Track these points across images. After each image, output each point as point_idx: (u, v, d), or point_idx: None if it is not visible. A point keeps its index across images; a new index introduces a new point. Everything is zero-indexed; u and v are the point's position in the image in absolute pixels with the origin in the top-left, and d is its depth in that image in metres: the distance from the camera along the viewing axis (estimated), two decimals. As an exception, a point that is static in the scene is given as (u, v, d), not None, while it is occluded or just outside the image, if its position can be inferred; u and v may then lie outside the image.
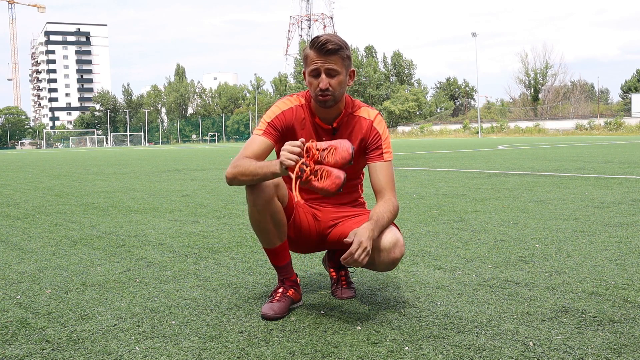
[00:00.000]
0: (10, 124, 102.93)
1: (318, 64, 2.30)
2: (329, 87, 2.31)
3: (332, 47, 2.28)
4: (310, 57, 2.32)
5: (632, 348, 1.95)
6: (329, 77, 2.31)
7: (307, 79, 2.38)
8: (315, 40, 2.31)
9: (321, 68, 2.30)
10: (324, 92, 2.32)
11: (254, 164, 2.26)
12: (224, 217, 5.16)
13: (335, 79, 2.32)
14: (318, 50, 2.29)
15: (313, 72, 2.32)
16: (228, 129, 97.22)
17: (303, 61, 2.41)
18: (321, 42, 2.28)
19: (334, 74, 2.31)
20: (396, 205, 2.39)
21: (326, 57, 2.29)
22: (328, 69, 2.30)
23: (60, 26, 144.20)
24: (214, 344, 2.06)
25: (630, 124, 56.73)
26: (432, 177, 9.11)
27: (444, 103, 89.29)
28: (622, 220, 4.50)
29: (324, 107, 2.37)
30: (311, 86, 2.36)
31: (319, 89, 2.32)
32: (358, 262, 2.15)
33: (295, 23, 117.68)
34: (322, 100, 2.34)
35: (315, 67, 2.31)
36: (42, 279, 3.06)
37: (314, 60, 2.31)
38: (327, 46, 2.28)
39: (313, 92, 2.36)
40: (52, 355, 2.00)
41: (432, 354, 1.93)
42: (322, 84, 2.30)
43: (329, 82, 2.31)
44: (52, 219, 5.30)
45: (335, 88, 2.33)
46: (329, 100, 2.34)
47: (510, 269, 3.05)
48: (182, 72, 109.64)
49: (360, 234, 2.18)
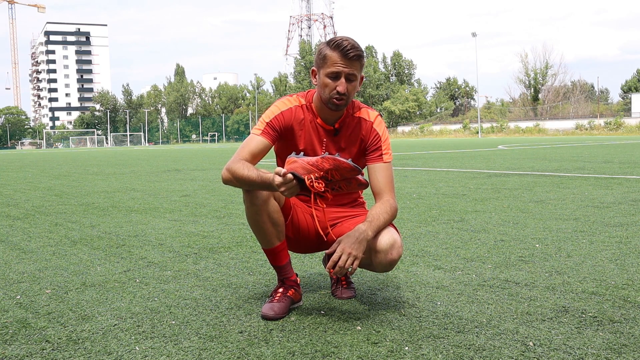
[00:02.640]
0: (10, 124, 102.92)
1: (340, 67, 2.29)
2: (346, 91, 2.32)
3: (357, 54, 2.29)
4: (333, 59, 2.30)
5: (632, 348, 1.95)
6: (348, 82, 2.32)
7: (320, 79, 2.35)
8: (340, 43, 2.29)
9: (342, 72, 2.30)
10: (341, 96, 2.32)
11: (253, 173, 2.22)
12: (224, 217, 5.16)
13: (352, 85, 2.33)
14: (343, 55, 2.28)
15: (333, 74, 2.31)
16: (228, 129, 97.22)
17: (319, 60, 2.35)
18: (346, 47, 2.28)
19: (352, 80, 2.33)
20: (394, 207, 2.39)
21: (350, 62, 2.29)
22: (349, 74, 2.30)
23: (60, 26, 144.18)
24: (214, 344, 2.06)
25: (630, 124, 56.74)
26: (432, 177, 9.11)
27: (444, 103, 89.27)
28: (622, 220, 4.50)
29: (335, 110, 2.37)
30: (326, 87, 2.33)
31: (336, 91, 2.31)
32: (345, 269, 2.16)
33: (295, 23, 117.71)
34: (336, 104, 2.33)
35: (337, 71, 2.30)
36: (42, 279, 3.06)
37: (336, 63, 2.29)
38: (352, 52, 2.28)
39: (327, 94, 2.33)
40: (52, 355, 2.00)
41: (432, 354, 1.93)
42: (341, 88, 2.30)
43: (347, 87, 2.32)
44: (52, 219, 5.30)
45: (350, 93, 2.34)
46: (342, 105, 2.35)
47: (510, 269, 3.05)
48: (182, 72, 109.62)
49: (345, 241, 2.19)
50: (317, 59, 2.38)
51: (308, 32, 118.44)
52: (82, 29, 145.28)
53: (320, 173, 2.13)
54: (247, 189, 2.30)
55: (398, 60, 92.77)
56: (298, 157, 2.18)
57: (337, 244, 2.20)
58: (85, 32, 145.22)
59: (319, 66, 2.36)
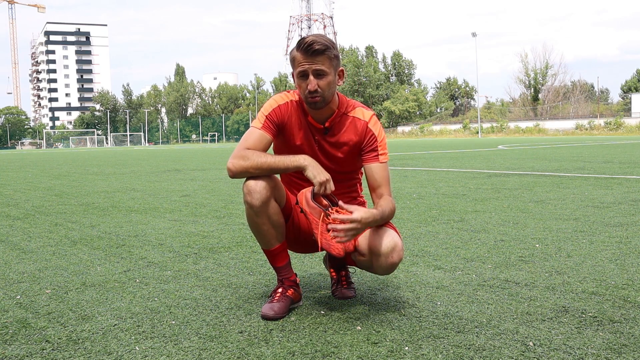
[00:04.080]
0: (10, 124, 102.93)
1: (305, 65, 2.28)
2: (318, 88, 2.29)
3: (319, 48, 2.26)
4: (298, 59, 2.30)
5: (632, 348, 1.95)
6: (317, 78, 2.29)
7: (295, 81, 2.36)
8: (301, 41, 2.28)
9: (309, 69, 2.28)
10: (313, 94, 2.30)
11: (269, 158, 2.29)
12: (224, 217, 5.16)
13: (323, 80, 2.30)
14: (304, 52, 2.27)
15: (300, 74, 2.30)
16: (228, 129, 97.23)
17: (290, 63, 2.37)
18: (307, 43, 2.26)
19: (322, 75, 2.29)
20: (394, 205, 2.41)
21: (313, 58, 2.27)
22: (316, 69, 2.28)
23: (60, 26, 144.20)
24: (214, 344, 2.06)
25: (630, 124, 56.74)
26: (432, 177, 9.11)
27: (444, 103, 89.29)
28: (622, 220, 4.50)
29: (314, 108, 2.36)
30: (300, 88, 2.34)
31: (308, 90, 2.30)
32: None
33: (295, 23, 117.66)
34: (311, 102, 2.32)
35: (303, 69, 2.29)
36: (42, 279, 3.06)
37: (301, 62, 2.29)
38: (313, 47, 2.25)
39: (302, 94, 2.34)
40: (52, 355, 2.00)
41: (432, 354, 1.93)
42: (311, 86, 2.28)
43: (318, 83, 2.29)
44: (52, 219, 5.30)
45: (324, 89, 2.30)
46: (319, 102, 2.33)
47: (510, 269, 3.05)
48: (182, 72, 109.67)
49: (360, 213, 2.19)
50: (290, 62, 2.39)
51: (308, 32, 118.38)
52: (82, 29, 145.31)
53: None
54: (265, 174, 2.30)
55: (398, 60, 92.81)
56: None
57: (354, 210, 2.20)
58: (85, 32, 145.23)
59: (292, 69, 2.37)
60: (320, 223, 2.25)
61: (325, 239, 2.25)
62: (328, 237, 2.24)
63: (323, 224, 2.25)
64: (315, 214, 2.27)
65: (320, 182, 2.25)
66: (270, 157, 2.29)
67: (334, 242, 2.22)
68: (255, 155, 2.29)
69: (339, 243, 2.21)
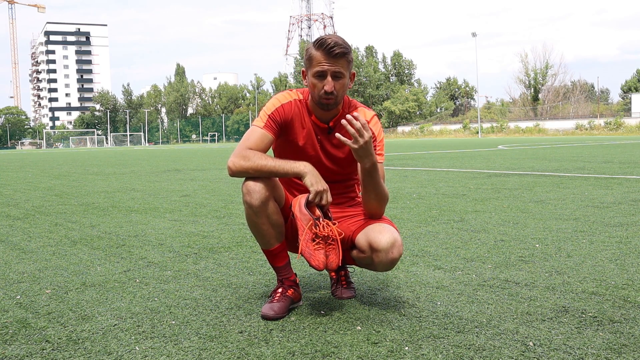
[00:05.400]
0: (10, 124, 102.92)
1: (325, 66, 2.29)
2: (334, 90, 2.31)
3: (341, 51, 2.28)
4: (317, 59, 2.31)
5: (632, 348, 1.95)
6: (335, 80, 2.31)
7: (309, 80, 2.36)
8: (323, 41, 2.29)
9: (328, 71, 2.30)
10: (329, 95, 2.32)
11: (270, 162, 2.29)
12: (224, 217, 5.16)
13: (340, 82, 2.33)
14: (327, 53, 2.28)
15: (318, 73, 2.31)
16: (228, 129, 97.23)
17: (306, 61, 2.38)
18: (329, 44, 2.27)
19: (339, 78, 2.32)
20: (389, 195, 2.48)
21: (335, 60, 2.29)
22: (335, 72, 2.30)
23: (60, 26, 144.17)
24: (214, 344, 2.06)
25: (630, 124, 56.71)
26: (432, 177, 9.11)
27: (444, 103, 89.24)
28: (622, 220, 4.50)
29: (326, 109, 2.38)
30: (314, 88, 2.34)
31: (324, 91, 2.31)
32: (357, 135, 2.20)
33: (295, 23, 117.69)
34: (325, 103, 2.34)
35: (322, 70, 2.30)
36: (42, 279, 3.06)
37: (320, 62, 2.30)
38: (335, 50, 2.27)
39: (316, 94, 2.35)
40: (52, 355, 2.00)
41: (432, 354, 1.93)
42: (328, 87, 2.30)
43: (334, 85, 2.31)
44: (52, 219, 5.30)
45: (339, 91, 2.33)
46: (332, 104, 2.35)
47: (510, 269, 3.05)
48: (182, 72, 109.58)
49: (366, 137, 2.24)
50: (305, 59, 2.39)
51: (308, 32, 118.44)
52: (82, 29, 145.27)
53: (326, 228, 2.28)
54: (264, 176, 2.30)
55: (398, 60, 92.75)
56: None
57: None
58: (85, 32, 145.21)
59: (306, 67, 2.37)
60: (306, 230, 2.24)
61: (308, 248, 2.23)
62: (311, 247, 2.23)
63: (309, 232, 2.24)
64: (304, 221, 2.26)
65: (317, 191, 2.25)
66: (271, 161, 2.29)
67: (315, 253, 2.22)
68: (257, 156, 2.29)
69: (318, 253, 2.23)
